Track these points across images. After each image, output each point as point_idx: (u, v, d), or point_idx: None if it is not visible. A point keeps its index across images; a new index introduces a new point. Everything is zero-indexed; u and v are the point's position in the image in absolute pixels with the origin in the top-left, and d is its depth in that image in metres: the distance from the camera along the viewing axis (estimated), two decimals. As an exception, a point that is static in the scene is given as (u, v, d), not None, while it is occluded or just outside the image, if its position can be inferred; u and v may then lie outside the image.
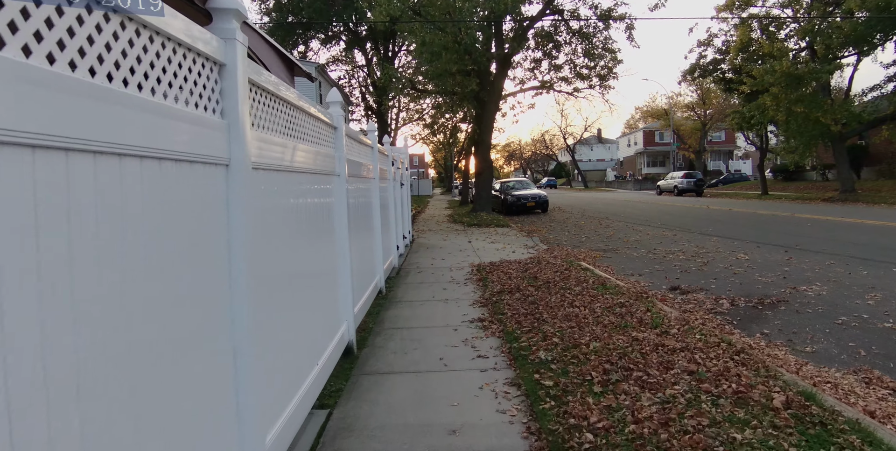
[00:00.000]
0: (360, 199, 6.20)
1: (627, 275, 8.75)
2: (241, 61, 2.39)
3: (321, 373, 3.82)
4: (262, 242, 2.70)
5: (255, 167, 2.55)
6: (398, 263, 9.70)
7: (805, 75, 24.14)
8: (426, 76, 17.96)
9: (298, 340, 3.38)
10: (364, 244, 6.41)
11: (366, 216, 6.68)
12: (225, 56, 2.31)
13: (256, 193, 2.59)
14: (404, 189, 12.20)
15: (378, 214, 7.33)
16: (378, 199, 7.39)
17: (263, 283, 2.73)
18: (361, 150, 6.58)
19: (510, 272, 8.24)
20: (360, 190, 6.20)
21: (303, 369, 3.45)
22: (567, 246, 12.36)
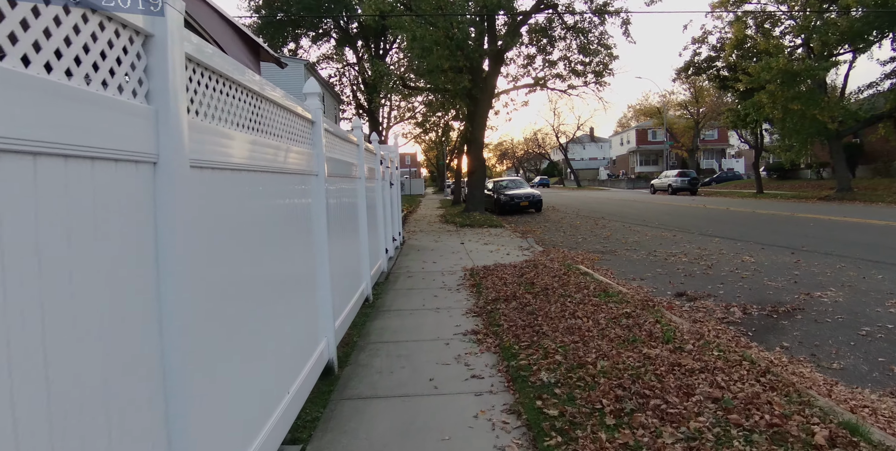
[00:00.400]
0: (343, 200, 5.71)
1: (629, 279, 8.30)
2: (174, 31, 1.89)
3: (294, 401, 3.32)
4: (210, 254, 2.21)
5: (196, 165, 2.06)
6: (387, 267, 9.21)
7: (802, 72, 23.82)
8: (417, 73, 17.47)
9: (265, 366, 2.89)
10: (349, 249, 5.92)
11: (351, 219, 6.19)
12: (153, 25, 1.82)
13: (199, 195, 2.10)
14: (394, 189, 11.71)
15: (364, 216, 6.84)
16: (365, 200, 6.90)
17: (215, 304, 2.24)
18: (346, 148, 6.08)
19: (505, 277, 7.77)
20: (343, 190, 5.71)
21: (269, 400, 2.95)
22: (563, 248, 11.90)
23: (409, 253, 11.34)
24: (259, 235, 2.93)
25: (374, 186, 8.52)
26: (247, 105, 2.80)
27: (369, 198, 7.77)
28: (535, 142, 79.54)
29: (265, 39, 35.07)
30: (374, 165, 8.45)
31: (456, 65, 17.80)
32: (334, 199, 5.10)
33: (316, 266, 4.24)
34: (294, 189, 3.75)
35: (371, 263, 7.41)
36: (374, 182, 8.42)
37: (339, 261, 5.21)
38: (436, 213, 23.80)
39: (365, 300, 6.78)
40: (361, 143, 6.88)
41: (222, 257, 2.36)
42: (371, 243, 7.57)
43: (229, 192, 2.46)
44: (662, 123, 57.45)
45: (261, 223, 2.99)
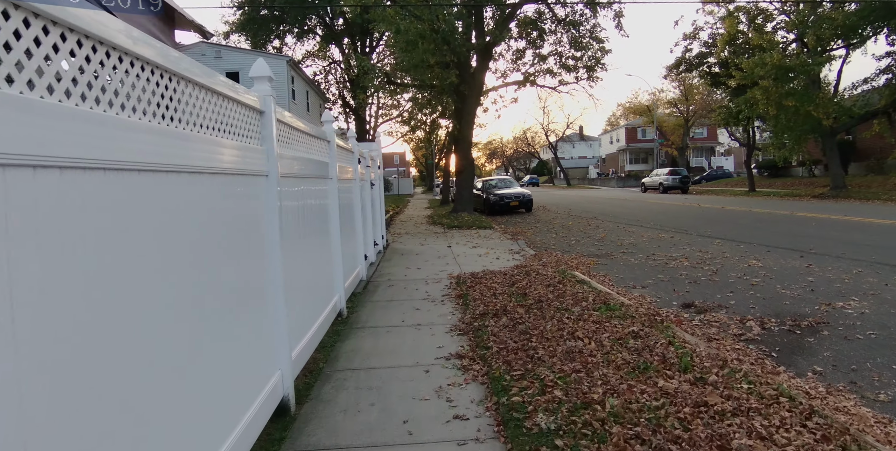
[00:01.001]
0: (309, 202, 4.99)
1: (629, 287, 7.63)
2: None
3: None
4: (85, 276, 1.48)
5: (47, 165, 1.33)
6: (367, 274, 8.48)
7: (796, 68, 23.31)
8: (402, 68, 16.72)
9: (176, 425, 2.17)
10: (316, 259, 5.20)
11: (319, 224, 5.47)
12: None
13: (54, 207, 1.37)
14: (375, 190, 10.98)
15: (337, 220, 6.11)
16: (337, 202, 6.17)
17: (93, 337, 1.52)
18: (312, 145, 5.35)
19: (494, 287, 7.06)
20: (309, 192, 4.98)
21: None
22: (556, 251, 11.22)
23: (392, 258, 10.61)
24: (185, 246, 2.21)
25: (350, 186, 7.80)
26: (147, 83, 2.07)
27: (344, 200, 7.06)
28: (524, 141, 79.04)
29: (248, 37, 34.29)
30: (349, 163, 7.73)
31: (442, 60, 17.09)
32: (295, 201, 4.38)
33: (265, 284, 3.51)
34: (237, 192, 3.03)
35: (346, 272, 6.69)
36: (350, 183, 7.70)
37: (302, 274, 4.49)
38: (423, 213, 23.08)
39: (338, 315, 6.05)
40: (332, 139, 6.14)
41: (125, 278, 1.63)
42: (346, 250, 6.85)
43: (115, 198, 1.72)
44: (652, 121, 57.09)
45: (194, 232, 2.28)
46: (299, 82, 30.27)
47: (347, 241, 7.05)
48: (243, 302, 3.10)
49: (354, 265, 7.60)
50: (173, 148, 2.22)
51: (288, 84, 27.19)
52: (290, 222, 4.13)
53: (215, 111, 2.81)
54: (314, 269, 5.08)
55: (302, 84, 31.09)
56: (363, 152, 9.46)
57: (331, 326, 5.67)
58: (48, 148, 1.44)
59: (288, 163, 4.07)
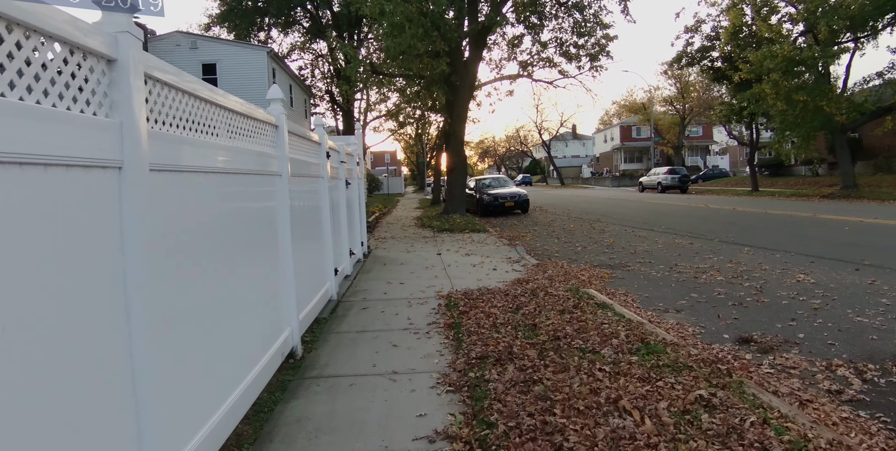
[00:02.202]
0: (235, 207, 3.51)
1: (659, 310, 6.18)
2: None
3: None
4: None
5: None
6: (338, 292, 6.98)
7: (807, 60, 21.97)
8: (389, 55, 15.20)
9: None
10: (249, 285, 3.72)
11: (258, 235, 3.98)
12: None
13: None
14: (354, 189, 9.46)
15: (287, 229, 4.61)
16: (288, 204, 4.67)
17: None
18: (242, 129, 3.86)
19: (494, 313, 5.58)
20: (235, 195, 3.50)
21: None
22: (561, 259, 9.77)
23: (372, 268, 9.11)
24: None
25: (316, 187, 6.31)
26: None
27: (304, 202, 5.56)
28: (516, 139, 77.62)
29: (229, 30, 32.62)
30: (313, 157, 6.23)
31: (432, 48, 15.59)
32: (206, 208, 2.90)
33: (108, 345, 2.02)
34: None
35: (305, 296, 5.19)
36: (315, 182, 6.20)
37: (225, 306, 3.02)
38: (412, 215, 21.57)
39: (288, 356, 4.56)
40: (282, 124, 4.64)
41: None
42: (305, 268, 5.36)
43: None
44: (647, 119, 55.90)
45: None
46: (282, 75, 28.66)
47: (308, 255, 5.55)
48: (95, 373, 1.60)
49: (319, 285, 6.09)
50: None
51: (269, 77, 25.58)
52: (188, 239, 2.65)
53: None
54: (253, 292, 3.59)
55: (285, 77, 29.48)
56: (335, 145, 7.96)
57: (276, 373, 4.19)
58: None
59: (174, 148, 2.57)
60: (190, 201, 2.74)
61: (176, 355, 2.45)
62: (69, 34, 1.81)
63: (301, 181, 5.43)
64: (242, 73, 24.83)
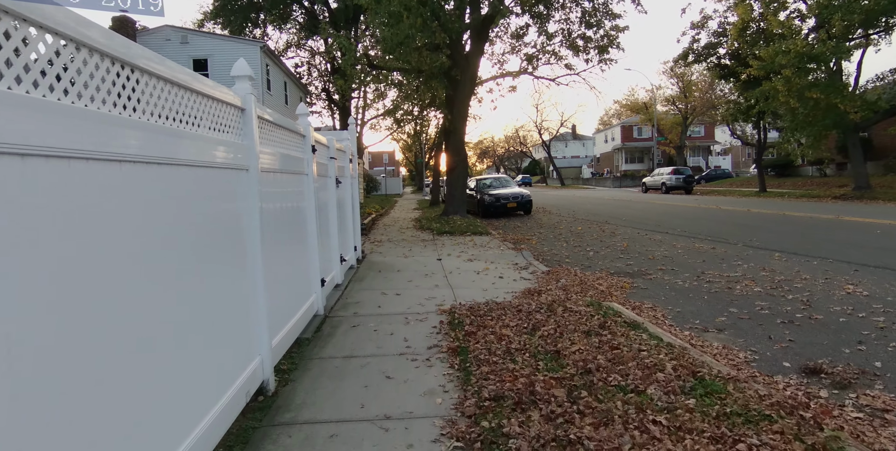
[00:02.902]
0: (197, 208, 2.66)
1: (697, 329, 5.32)
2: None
3: None
4: None
5: None
6: (325, 305, 6.10)
7: (821, 55, 21.11)
8: (385, 48, 14.33)
9: None
10: (209, 306, 2.87)
11: (222, 244, 3.13)
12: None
13: None
14: (345, 189, 8.58)
15: (256, 237, 3.74)
16: (258, 210, 3.80)
17: None
18: (205, 113, 3.00)
19: (507, 335, 4.70)
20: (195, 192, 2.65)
21: None
22: (573, 266, 8.91)
23: (365, 276, 8.24)
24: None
25: (300, 188, 5.45)
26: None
27: (286, 203, 4.71)
28: (516, 139, 76.75)
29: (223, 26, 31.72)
30: (295, 151, 5.35)
31: (431, 41, 14.72)
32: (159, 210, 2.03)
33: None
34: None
35: (280, 317, 4.33)
36: (297, 179, 5.33)
37: (132, 350, 2.15)
38: (410, 216, 20.69)
39: (258, 393, 3.69)
40: (250, 106, 3.77)
41: None
42: (282, 281, 4.49)
43: None
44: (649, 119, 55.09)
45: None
46: (276, 72, 27.79)
47: (286, 266, 4.68)
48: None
49: (301, 299, 5.22)
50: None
51: (262, 73, 24.70)
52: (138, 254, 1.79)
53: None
54: (185, 331, 2.72)
55: (280, 74, 28.61)
56: (324, 140, 7.09)
57: (240, 416, 3.32)
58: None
59: (96, 131, 1.70)
60: (161, 201, 1.87)
61: (65, 419, 1.58)
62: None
63: (279, 179, 4.56)
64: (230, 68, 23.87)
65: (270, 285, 3.98)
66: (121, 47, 2.14)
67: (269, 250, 4.02)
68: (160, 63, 2.50)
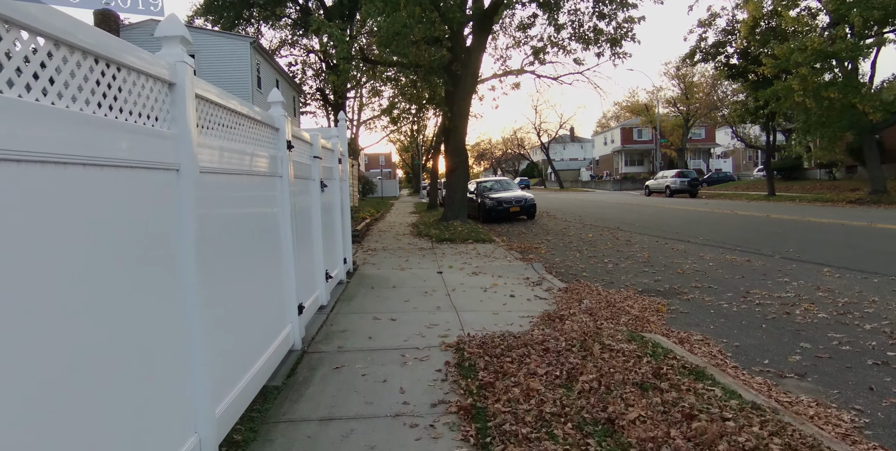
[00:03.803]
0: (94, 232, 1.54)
1: (772, 375, 4.21)
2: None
3: None
4: None
5: None
6: (301, 338, 4.98)
7: (840, 53, 20.10)
8: (381, 40, 13.23)
9: None
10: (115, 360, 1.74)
11: (123, 273, 2.02)
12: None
13: None
14: (332, 193, 7.46)
15: (191, 258, 2.62)
16: (192, 216, 2.69)
17: None
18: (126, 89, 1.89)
19: (536, 388, 3.57)
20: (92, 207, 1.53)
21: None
22: (593, 281, 7.82)
23: (356, 294, 7.12)
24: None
25: (272, 191, 4.35)
26: None
27: (246, 210, 3.61)
28: (514, 142, 75.71)
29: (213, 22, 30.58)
30: (266, 148, 4.23)
31: (430, 33, 13.63)
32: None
33: None
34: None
35: (231, 370, 3.20)
36: (268, 183, 4.22)
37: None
38: (407, 220, 19.57)
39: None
40: (186, 82, 2.65)
41: None
42: (238, 316, 3.38)
43: None
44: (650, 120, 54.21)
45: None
46: (268, 69, 26.65)
47: (248, 293, 3.57)
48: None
49: (269, 335, 4.08)
50: None
51: (252, 70, 23.57)
52: None
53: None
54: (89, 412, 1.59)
55: (272, 72, 27.47)
56: (306, 136, 5.99)
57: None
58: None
59: None
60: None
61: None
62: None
63: (235, 182, 3.45)
64: (223, 66, 22.79)
65: (214, 324, 2.86)
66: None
67: (215, 274, 2.91)
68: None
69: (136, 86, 2.31)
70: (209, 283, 2.82)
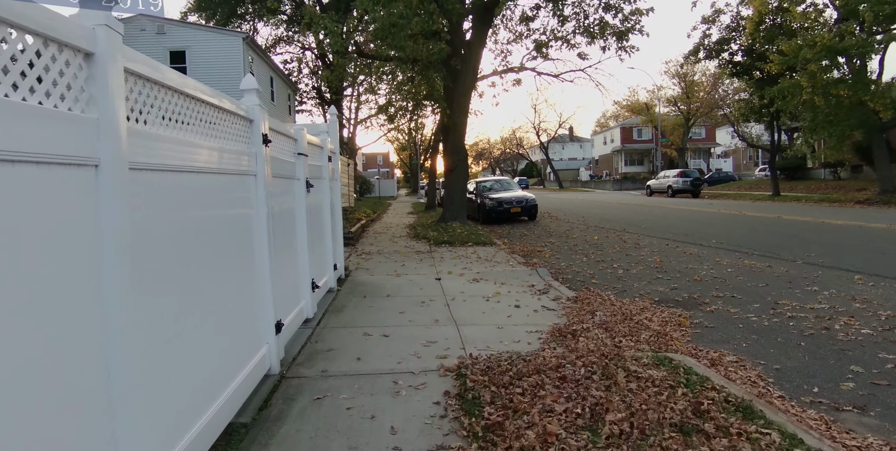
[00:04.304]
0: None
1: (826, 407, 3.60)
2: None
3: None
4: None
5: None
6: (280, 360, 4.36)
7: (851, 49, 19.51)
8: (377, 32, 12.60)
9: None
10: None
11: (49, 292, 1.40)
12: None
13: None
14: (317, 194, 6.83)
15: (119, 286, 2.00)
16: (113, 225, 2.08)
17: None
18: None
19: (555, 433, 2.96)
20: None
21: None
22: (603, 289, 7.21)
23: (346, 305, 6.50)
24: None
25: (246, 192, 3.75)
26: None
27: (216, 212, 3.01)
28: (513, 141, 75.08)
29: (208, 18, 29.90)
30: (234, 141, 3.61)
31: (428, 27, 13.01)
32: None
33: None
34: None
35: (187, 410, 2.58)
36: (243, 182, 3.61)
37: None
38: (405, 221, 18.95)
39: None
40: (111, 54, 2.03)
41: None
42: (193, 344, 2.76)
43: None
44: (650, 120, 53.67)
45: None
46: (261, 66, 25.98)
47: (208, 311, 2.94)
48: None
49: (237, 362, 3.45)
50: None
51: (245, 66, 22.91)
52: None
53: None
54: None
55: (265, 68, 26.80)
56: (289, 131, 5.37)
57: None
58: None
59: None
60: None
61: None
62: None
63: (191, 181, 2.83)
64: (215, 62, 22.14)
65: (157, 353, 2.26)
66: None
67: (158, 293, 2.30)
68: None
69: (30, 52, 1.70)
70: (147, 303, 2.21)
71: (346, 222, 13.76)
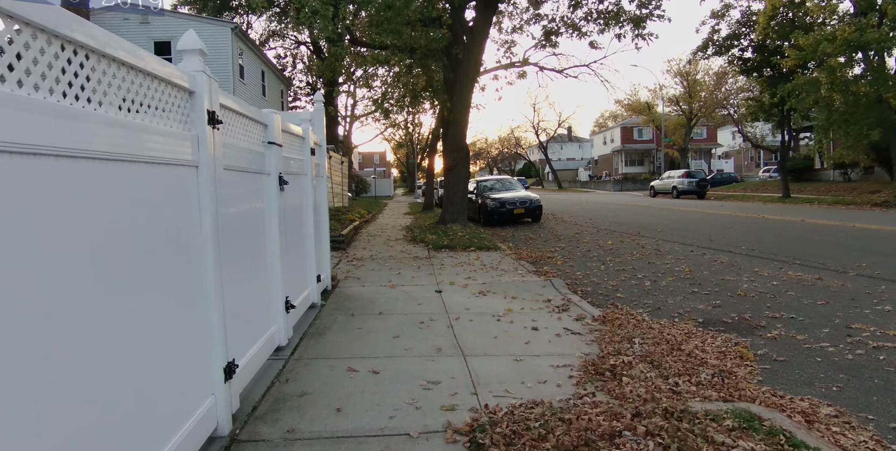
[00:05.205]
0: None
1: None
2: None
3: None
4: None
5: None
6: (231, 416, 3.27)
7: (873, 44, 18.49)
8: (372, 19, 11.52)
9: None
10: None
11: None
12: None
13: None
14: (299, 192, 5.72)
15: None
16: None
17: None
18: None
19: None
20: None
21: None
22: (633, 306, 6.14)
23: (330, 326, 5.42)
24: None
25: (179, 194, 2.64)
26: None
27: (139, 222, 1.86)
28: (511, 141, 73.96)
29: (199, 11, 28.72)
30: (178, 123, 2.50)
31: (428, 13, 11.93)
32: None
33: None
34: None
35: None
36: (175, 179, 2.50)
37: None
38: (401, 222, 17.85)
39: None
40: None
41: None
42: (97, 415, 1.64)
43: None
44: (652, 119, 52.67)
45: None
46: (252, 58, 24.85)
47: (127, 358, 1.84)
48: None
49: (163, 429, 2.36)
50: None
51: (234, 57, 21.78)
52: None
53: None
54: None
55: (256, 62, 25.66)
56: (248, 109, 4.28)
57: None
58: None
59: None
60: None
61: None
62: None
63: (72, 171, 1.74)
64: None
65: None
66: None
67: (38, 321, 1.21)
68: None
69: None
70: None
71: (336, 224, 12.67)
